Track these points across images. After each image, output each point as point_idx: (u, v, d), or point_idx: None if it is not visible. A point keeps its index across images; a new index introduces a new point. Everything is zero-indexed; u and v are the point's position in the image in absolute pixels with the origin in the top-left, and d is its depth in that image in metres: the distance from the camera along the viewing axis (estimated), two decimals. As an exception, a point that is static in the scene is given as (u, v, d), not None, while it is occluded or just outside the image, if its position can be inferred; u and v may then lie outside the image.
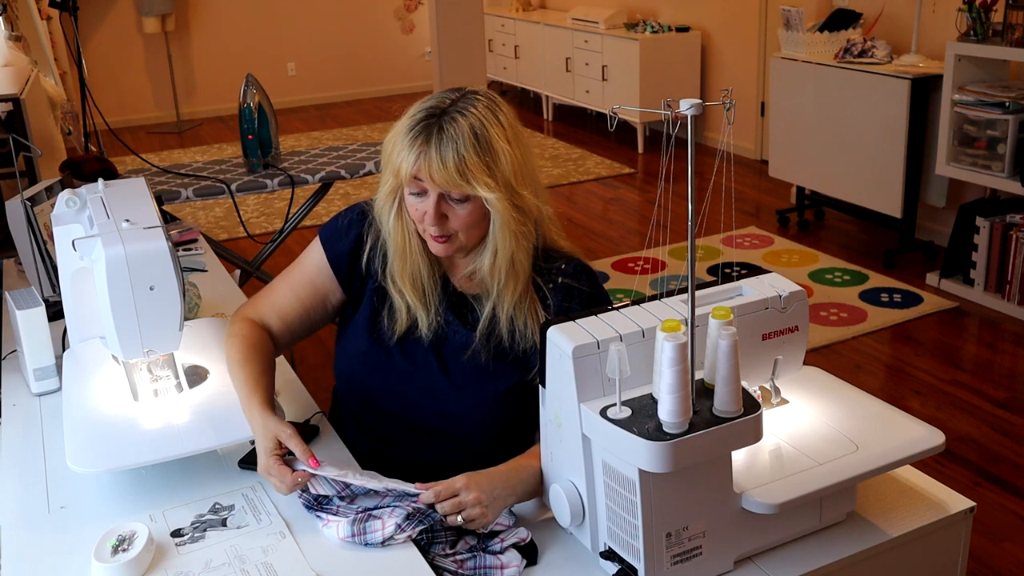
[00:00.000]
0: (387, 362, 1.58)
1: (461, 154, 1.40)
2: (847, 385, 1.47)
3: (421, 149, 1.41)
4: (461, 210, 1.45)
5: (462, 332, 1.56)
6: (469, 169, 1.40)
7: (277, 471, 1.37)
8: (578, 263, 1.58)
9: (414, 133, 1.43)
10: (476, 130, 1.42)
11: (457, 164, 1.40)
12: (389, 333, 1.58)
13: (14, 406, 1.75)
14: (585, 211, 5.56)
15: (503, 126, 1.45)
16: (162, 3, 7.82)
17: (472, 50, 5.59)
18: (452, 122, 1.42)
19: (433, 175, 1.41)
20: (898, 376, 3.48)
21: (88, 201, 1.64)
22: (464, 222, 1.46)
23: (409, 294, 1.55)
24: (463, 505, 1.32)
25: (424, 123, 1.43)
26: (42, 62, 5.40)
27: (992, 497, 2.75)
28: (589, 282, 1.56)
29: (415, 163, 1.42)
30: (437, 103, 1.45)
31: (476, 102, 1.45)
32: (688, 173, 1.10)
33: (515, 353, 1.54)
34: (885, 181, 4.45)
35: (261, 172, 3.60)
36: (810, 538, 1.32)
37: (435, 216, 1.45)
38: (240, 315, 1.65)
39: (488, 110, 1.45)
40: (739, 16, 6.19)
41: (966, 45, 3.91)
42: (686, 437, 1.12)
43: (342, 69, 8.94)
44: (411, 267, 1.54)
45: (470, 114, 1.43)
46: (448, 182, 1.41)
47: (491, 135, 1.43)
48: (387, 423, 1.61)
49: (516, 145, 1.46)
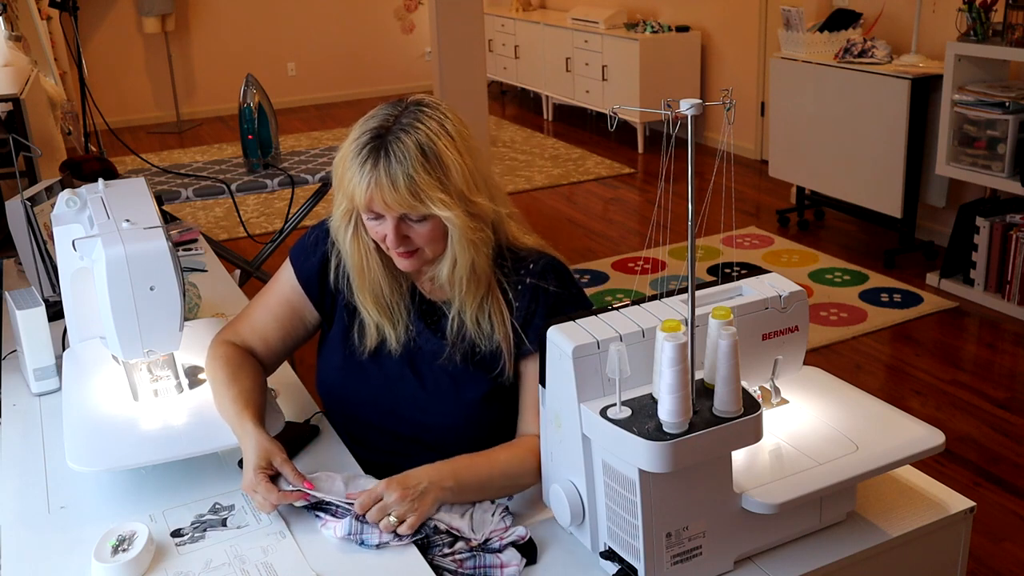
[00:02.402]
0: (363, 376, 1.58)
1: (410, 175, 1.37)
2: (847, 385, 1.47)
3: (371, 175, 1.38)
4: (421, 228, 1.43)
5: (433, 340, 1.55)
6: (421, 189, 1.38)
7: (264, 488, 1.35)
8: (547, 261, 1.54)
9: (361, 158, 1.39)
10: (423, 146, 1.39)
11: (408, 186, 1.37)
12: (361, 349, 1.57)
13: (14, 406, 1.75)
14: (585, 211, 5.56)
15: (451, 136, 1.42)
16: (162, 3, 7.82)
17: (472, 50, 5.59)
18: (397, 142, 1.38)
19: (387, 200, 1.39)
20: (898, 376, 3.48)
21: (88, 201, 1.64)
22: (426, 238, 1.45)
23: (372, 311, 1.54)
24: (388, 508, 1.31)
25: (369, 146, 1.40)
26: (42, 62, 5.40)
27: (992, 497, 2.75)
28: (557, 281, 1.52)
29: (367, 191, 1.39)
30: (381, 123, 1.42)
31: (420, 115, 1.42)
32: (688, 173, 1.10)
33: (482, 355, 1.53)
34: (885, 181, 4.45)
35: (261, 172, 3.60)
36: (810, 538, 1.32)
37: (396, 239, 1.43)
38: (220, 339, 1.62)
39: (433, 120, 1.41)
40: (739, 16, 6.19)
41: (966, 45, 3.91)
42: (686, 437, 1.12)
43: (342, 69, 8.94)
44: (371, 284, 1.53)
45: (415, 130, 1.40)
46: (402, 204, 1.39)
47: (439, 148, 1.40)
48: (371, 434, 1.61)
49: (466, 153, 1.43)
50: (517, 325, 1.51)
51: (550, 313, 1.49)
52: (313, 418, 1.67)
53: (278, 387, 1.74)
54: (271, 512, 1.38)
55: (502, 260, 1.53)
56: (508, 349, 1.51)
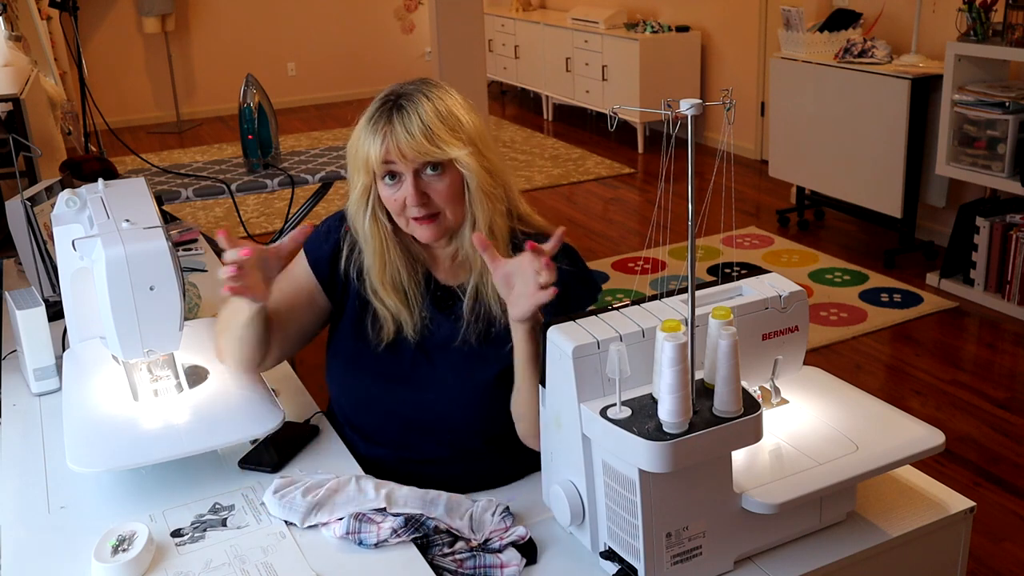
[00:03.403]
0: (376, 366, 1.58)
1: (425, 122, 1.44)
2: (847, 385, 1.47)
3: (385, 129, 1.45)
4: (439, 184, 1.47)
5: (447, 324, 1.56)
6: (435, 134, 1.44)
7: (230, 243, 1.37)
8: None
9: (374, 119, 1.47)
10: (435, 102, 1.47)
11: (423, 131, 1.43)
12: (376, 341, 1.57)
13: (14, 406, 1.75)
14: (585, 211, 5.56)
15: (459, 102, 1.50)
16: (162, 3, 7.82)
17: (472, 50, 5.59)
18: (409, 99, 1.47)
19: (402, 149, 1.43)
20: (898, 376, 3.48)
21: (88, 201, 1.64)
22: (445, 196, 1.47)
23: (391, 299, 1.54)
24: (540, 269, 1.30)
25: (382, 108, 1.47)
26: (42, 62, 5.40)
27: (992, 497, 2.75)
28: (569, 260, 1.56)
29: (382, 145, 1.45)
30: (392, 90, 1.50)
31: (433, 86, 1.50)
32: (688, 173, 1.10)
33: (497, 331, 1.53)
34: (885, 181, 4.45)
35: (261, 172, 3.60)
36: (810, 538, 1.32)
37: (416, 196, 1.46)
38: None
39: (443, 90, 1.50)
40: (739, 16, 6.19)
41: (966, 45, 3.91)
42: (686, 437, 1.12)
43: (342, 69, 8.94)
44: (390, 270, 1.54)
45: (428, 93, 1.48)
46: (418, 150, 1.43)
47: (449, 104, 1.48)
48: (382, 424, 1.61)
49: (476, 115, 1.51)
50: None
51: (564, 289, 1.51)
52: (313, 418, 1.67)
53: (278, 386, 1.74)
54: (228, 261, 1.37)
55: (515, 238, 1.55)
56: None
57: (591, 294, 1.59)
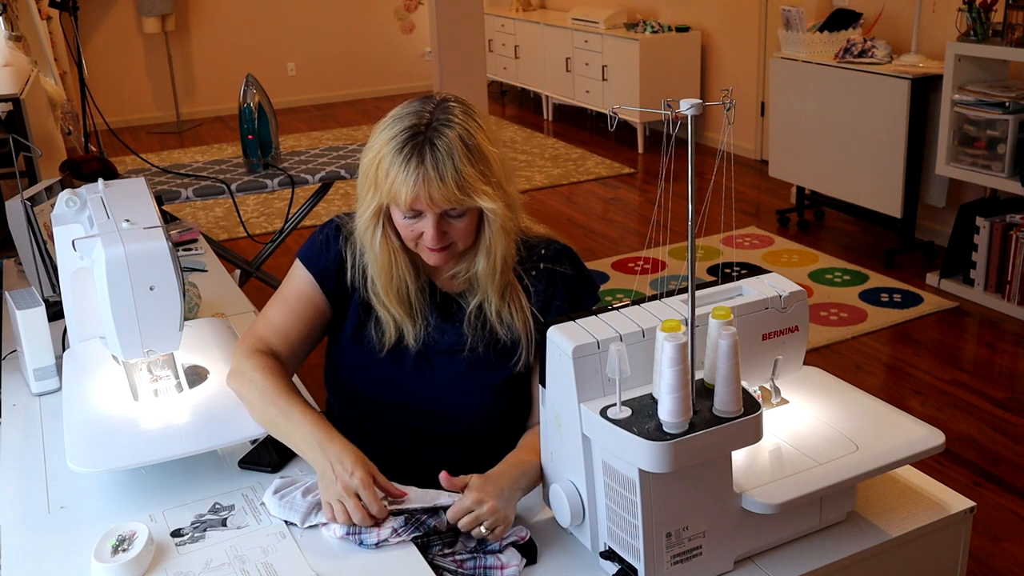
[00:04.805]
0: (378, 372, 1.58)
1: (458, 168, 1.38)
2: (847, 385, 1.47)
3: (417, 171, 1.38)
4: (460, 223, 1.45)
5: (451, 332, 1.56)
6: (468, 182, 1.39)
7: (369, 496, 1.31)
8: (558, 246, 1.59)
9: (404, 156, 1.39)
10: (465, 140, 1.40)
11: (456, 180, 1.38)
12: (379, 346, 1.57)
13: (14, 406, 1.75)
14: (585, 211, 5.56)
15: (484, 129, 1.44)
16: (162, 3, 7.82)
17: (472, 50, 5.59)
18: (440, 137, 1.39)
19: (433, 195, 1.39)
20: (898, 376, 3.48)
21: (88, 201, 1.64)
22: (463, 232, 1.46)
23: (395, 309, 1.54)
24: (481, 518, 1.30)
25: (412, 143, 1.39)
26: (42, 62, 5.40)
27: (992, 497, 2.75)
28: (571, 264, 1.57)
29: (414, 188, 1.38)
30: (416, 119, 1.42)
31: (454, 109, 1.43)
32: (688, 173, 1.10)
33: (503, 344, 1.54)
34: (885, 181, 4.45)
35: (261, 172, 3.60)
36: (810, 538, 1.32)
37: (437, 236, 1.44)
38: (246, 349, 1.55)
39: (467, 115, 1.43)
40: (739, 16, 6.19)
41: (966, 45, 3.91)
42: (686, 437, 1.12)
43: (342, 69, 8.94)
44: (396, 283, 1.52)
45: (454, 124, 1.41)
46: (448, 199, 1.39)
47: (478, 141, 1.41)
48: (385, 430, 1.61)
49: (497, 144, 1.46)
50: (535, 310, 1.53)
51: (569, 294, 1.53)
52: (313, 418, 1.66)
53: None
54: (367, 524, 1.31)
55: (519, 250, 1.55)
56: (527, 335, 1.53)
57: (593, 295, 1.59)
